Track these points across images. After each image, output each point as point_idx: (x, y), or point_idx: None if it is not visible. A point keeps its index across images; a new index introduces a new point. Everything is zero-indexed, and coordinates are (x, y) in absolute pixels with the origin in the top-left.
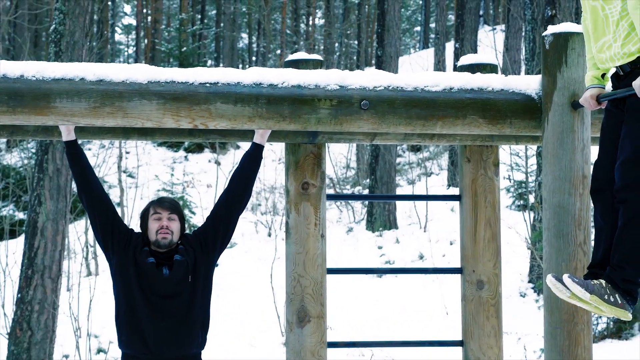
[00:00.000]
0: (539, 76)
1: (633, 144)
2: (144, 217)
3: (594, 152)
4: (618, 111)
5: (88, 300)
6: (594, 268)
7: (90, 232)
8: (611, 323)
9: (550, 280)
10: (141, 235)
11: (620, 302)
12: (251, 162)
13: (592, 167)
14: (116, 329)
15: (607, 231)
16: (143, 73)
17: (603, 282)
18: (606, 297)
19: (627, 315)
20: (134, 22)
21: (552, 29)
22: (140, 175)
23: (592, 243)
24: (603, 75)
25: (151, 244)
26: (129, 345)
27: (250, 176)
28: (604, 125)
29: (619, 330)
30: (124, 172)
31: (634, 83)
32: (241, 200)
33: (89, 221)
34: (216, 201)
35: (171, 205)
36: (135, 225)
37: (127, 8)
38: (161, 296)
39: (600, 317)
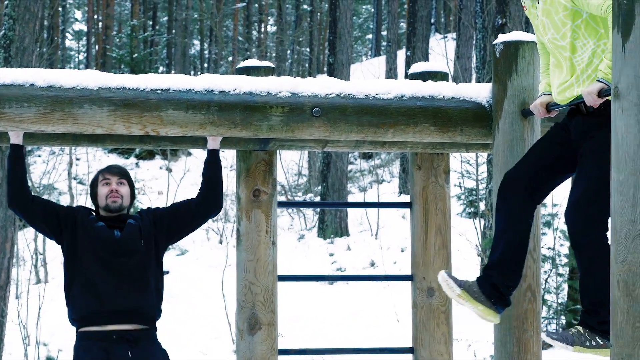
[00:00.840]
0: (490, 84)
1: (584, 185)
2: (94, 185)
3: None
4: (565, 135)
5: (37, 308)
6: (489, 270)
7: (40, 239)
8: (560, 330)
9: (441, 276)
10: (84, 207)
11: (602, 342)
12: (213, 168)
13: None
14: (68, 301)
15: (509, 234)
16: (94, 79)
17: (580, 329)
18: (588, 343)
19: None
20: (84, 28)
21: (502, 38)
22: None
23: (541, 250)
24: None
25: (101, 210)
26: (83, 306)
27: (217, 181)
28: (545, 137)
29: None
30: (74, 178)
31: (583, 90)
32: (213, 205)
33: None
34: (191, 200)
35: (120, 171)
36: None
37: (78, 14)
38: (113, 254)
39: (550, 323)
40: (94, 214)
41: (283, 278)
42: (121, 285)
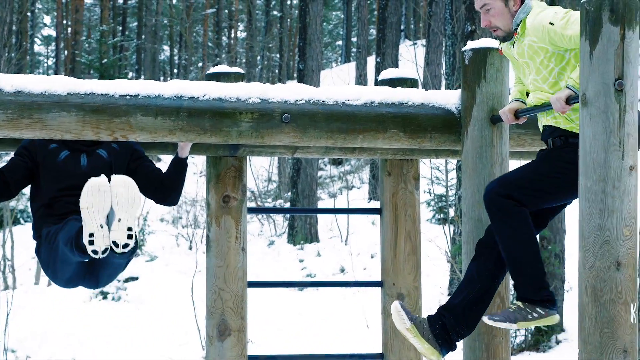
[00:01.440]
0: (459, 91)
1: (520, 168)
2: None
3: (512, 166)
4: None
5: (5, 314)
6: (446, 311)
7: (8, 245)
8: (529, 336)
9: (394, 307)
10: (39, 140)
11: (543, 312)
12: (179, 168)
13: None
14: (36, 219)
15: (475, 286)
16: (62, 85)
17: (519, 303)
18: (529, 316)
19: (554, 319)
20: (53, 33)
21: (471, 45)
22: None
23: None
24: (528, 94)
25: None
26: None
27: (180, 180)
28: None
29: (536, 343)
30: None
31: (551, 97)
32: (168, 197)
33: (5, 232)
34: (156, 171)
35: None
36: None
37: (47, 19)
38: (79, 187)
39: (518, 330)
40: (55, 141)
41: (253, 284)
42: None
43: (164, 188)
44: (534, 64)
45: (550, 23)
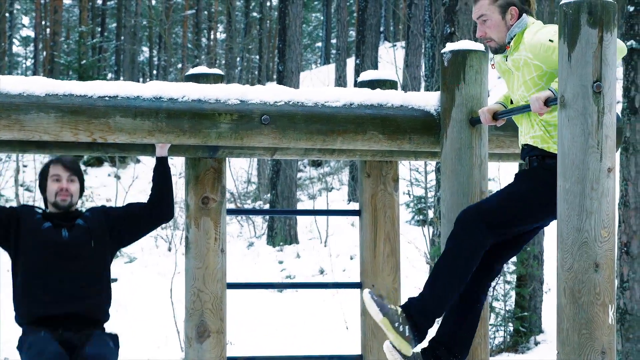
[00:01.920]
0: (438, 93)
1: (493, 195)
2: (43, 176)
3: (491, 167)
4: None
5: None
6: (436, 343)
7: None
8: (508, 337)
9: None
10: (28, 207)
11: (407, 334)
12: (163, 177)
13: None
14: (17, 304)
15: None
16: (41, 85)
17: (400, 309)
18: (396, 324)
19: (408, 350)
20: (32, 34)
21: (450, 47)
22: (38, 189)
23: None
24: (512, 101)
25: (49, 204)
26: (29, 310)
27: (167, 190)
28: None
29: (515, 344)
30: (21, 185)
31: (531, 97)
32: (164, 214)
33: None
34: (143, 205)
35: (71, 165)
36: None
37: (26, 20)
38: (60, 257)
39: (497, 330)
40: (40, 211)
41: (232, 285)
42: (68, 290)
43: (157, 207)
44: (523, 80)
45: (550, 40)
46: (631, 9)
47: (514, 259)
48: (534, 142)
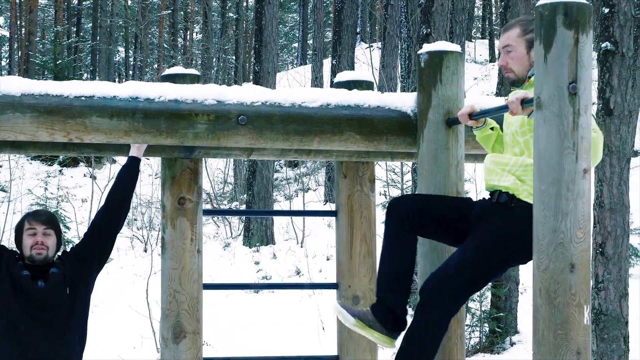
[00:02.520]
0: (415, 93)
1: (459, 254)
2: (19, 230)
3: (468, 168)
4: (469, 210)
5: None
6: (383, 293)
7: None
8: (484, 337)
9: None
10: (11, 251)
11: (383, 330)
12: (128, 176)
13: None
14: None
15: (396, 258)
16: (16, 85)
17: (367, 309)
18: (371, 324)
19: (391, 345)
20: (7, 34)
21: (427, 47)
22: (13, 189)
23: None
24: (492, 128)
25: (25, 258)
26: (6, 355)
27: (128, 191)
28: (457, 198)
29: (491, 344)
30: None
31: (510, 96)
32: (119, 216)
33: None
34: (94, 217)
35: (47, 219)
36: (6, 240)
37: (0, 19)
38: (38, 308)
39: (473, 331)
40: (20, 259)
41: (208, 286)
42: (45, 337)
43: (121, 205)
44: (525, 116)
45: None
46: (606, 10)
47: None
48: (505, 188)
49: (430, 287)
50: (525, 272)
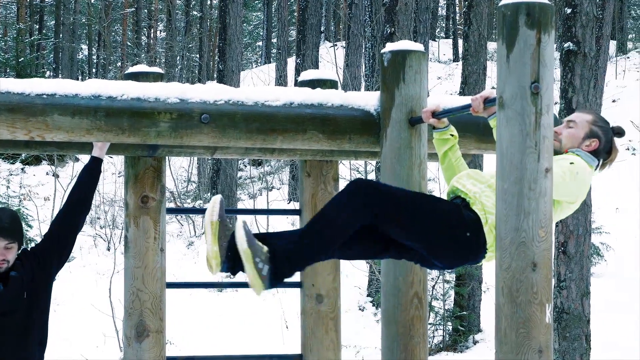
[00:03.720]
0: (378, 93)
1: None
2: None
3: (431, 167)
4: None
5: None
6: (293, 244)
7: None
8: (447, 336)
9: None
10: None
11: (264, 274)
12: (90, 176)
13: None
14: None
15: (330, 232)
16: None
17: (266, 249)
18: (257, 260)
19: (259, 289)
20: None
21: (390, 47)
22: None
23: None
24: (452, 135)
25: None
26: None
27: (89, 190)
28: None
29: (454, 343)
30: None
31: (471, 97)
32: (79, 216)
33: None
34: (55, 216)
35: (10, 231)
36: None
37: None
38: None
39: (436, 329)
40: None
41: (171, 285)
42: (4, 348)
43: (82, 204)
44: None
45: (571, 163)
46: (568, 11)
47: None
48: (463, 194)
49: (366, 183)
50: (488, 271)
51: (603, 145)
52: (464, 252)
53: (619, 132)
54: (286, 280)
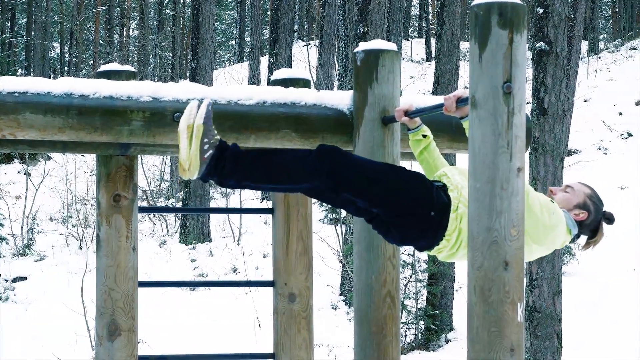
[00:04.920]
0: (351, 92)
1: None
2: None
3: (405, 166)
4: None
5: None
6: (240, 157)
7: None
8: (419, 335)
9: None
10: None
11: (206, 156)
12: None
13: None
14: None
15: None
16: None
17: (219, 139)
18: (205, 140)
19: (194, 169)
20: None
21: (363, 46)
22: None
23: (400, 256)
24: (425, 136)
25: None
26: None
27: None
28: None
29: (427, 342)
30: None
31: (444, 97)
32: None
33: None
34: None
35: None
36: None
37: None
38: None
39: (409, 328)
40: None
41: (144, 284)
42: None
43: None
44: None
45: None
46: (540, 11)
47: (425, 257)
48: (439, 178)
49: (330, 149)
50: (461, 270)
51: (590, 221)
52: (423, 226)
53: (609, 218)
54: (219, 182)
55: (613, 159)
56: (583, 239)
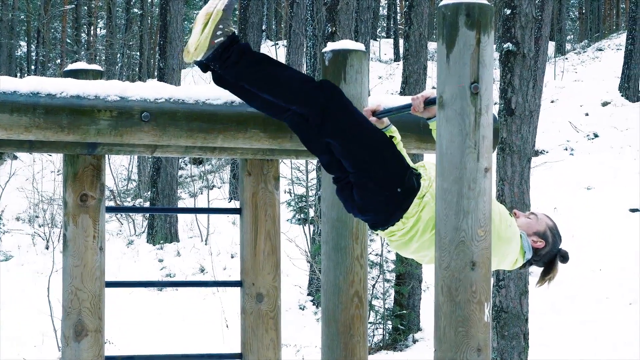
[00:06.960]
0: None
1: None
2: None
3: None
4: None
5: None
6: (244, 54)
7: None
8: (387, 335)
9: None
10: None
11: (217, 40)
12: None
13: None
14: None
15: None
16: None
17: (234, 30)
18: (221, 26)
19: (201, 50)
20: None
21: (331, 46)
22: None
23: (368, 256)
24: (392, 137)
25: None
26: None
27: None
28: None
29: (394, 342)
30: None
31: (412, 97)
32: None
33: None
34: None
35: None
36: None
37: None
38: None
39: (377, 329)
40: None
41: (111, 284)
42: None
43: None
44: None
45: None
46: (508, 12)
47: (394, 257)
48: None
49: (333, 87)
50: (428, 270)
51: (545, 252)
52: (385, 199)
53: (564, 256)
54: (217, 77)
55: (579, 160)
56: (535, 269)
